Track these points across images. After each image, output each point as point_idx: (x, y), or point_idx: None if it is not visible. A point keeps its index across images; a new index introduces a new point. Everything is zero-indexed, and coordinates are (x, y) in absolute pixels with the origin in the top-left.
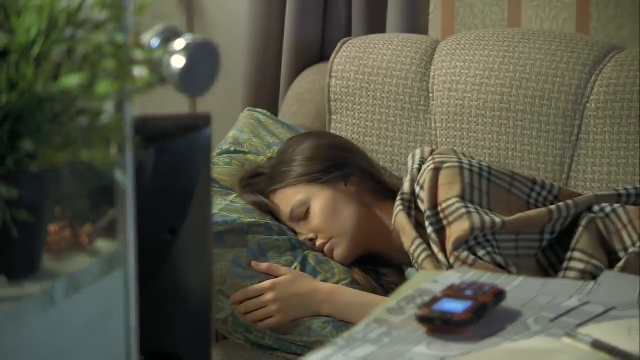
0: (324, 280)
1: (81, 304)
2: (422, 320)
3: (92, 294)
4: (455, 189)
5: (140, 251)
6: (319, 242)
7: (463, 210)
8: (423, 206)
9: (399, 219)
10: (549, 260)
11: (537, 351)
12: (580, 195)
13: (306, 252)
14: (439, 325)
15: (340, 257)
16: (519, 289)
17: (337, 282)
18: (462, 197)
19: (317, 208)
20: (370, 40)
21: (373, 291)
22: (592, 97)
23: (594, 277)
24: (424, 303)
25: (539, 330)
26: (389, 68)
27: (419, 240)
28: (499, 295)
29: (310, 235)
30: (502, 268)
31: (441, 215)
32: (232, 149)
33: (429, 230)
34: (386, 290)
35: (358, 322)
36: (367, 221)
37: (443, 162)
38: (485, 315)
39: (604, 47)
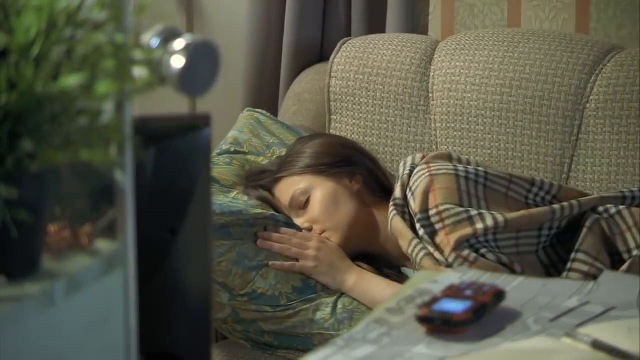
0: None
1: (81, 304)
2: (422, 320)
3: (92, 293)
4: (452, 196)
5: (140, 251)
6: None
7: (464, 215)
8: (413, 211)
9: (395, 223)
10: (549, 259)
11: (536, 351)
12: (580, 192)
13: None
14: (438, 325)
15: None
16: (519, 288)
17: None
18: (460, 205)
19: (318, 197)
20: (369, 40)
21: None
22: (591, 97)
23: (595, 278)
24: (423, 303)
25: (539, 330)
26: (388, 68)
27: (415, 240)
28: (499, 295)
29: (306, 225)
30: (506, 266)
31: (436, 218)
32: (232, 149)
33: (421, 232)
34: None
35: (376, 302)
36: (364, 220)
37: (438, 169)
38: (484, 315)
39: (603, 47)
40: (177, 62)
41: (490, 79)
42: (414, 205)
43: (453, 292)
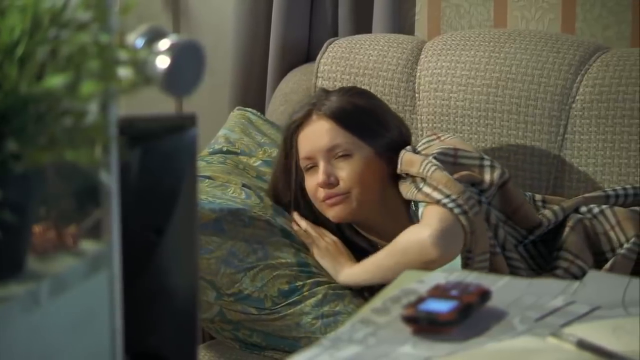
0: (318, 282)
1: (66, 305)
2: (408, 320)
3: (77, 294)
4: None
5: (125, 252)
6: (332, 191)
7: (477, 162)
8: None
9: (407, 156)
10: (529, 254)
11: (522, 351)
12: (564, 200)
13: (305, 254)
14: (424, 325)
15: (337, 216)
16: (505, 288)
17: (332, 284)
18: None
19: (358, 167)
20: (356, 40)
21: (365, 299)
22: (577, 97)
23: (576, 277)
24: (409, 303)
25: (524, 330)
26: (375, 68)
27: (427, 160)
28: (485, 295)
29: (331, 179)
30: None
31: (451, 156)
32: (225, 148)
33: (430, 167)
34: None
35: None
36: (379, 196)
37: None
38: (470, 315)
39: (589, 47)
40: (163, 62)
41: (477, 80)
42: (431, 149)
43: (439, 292)
